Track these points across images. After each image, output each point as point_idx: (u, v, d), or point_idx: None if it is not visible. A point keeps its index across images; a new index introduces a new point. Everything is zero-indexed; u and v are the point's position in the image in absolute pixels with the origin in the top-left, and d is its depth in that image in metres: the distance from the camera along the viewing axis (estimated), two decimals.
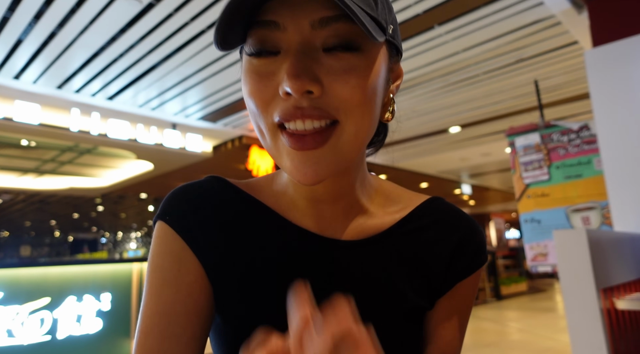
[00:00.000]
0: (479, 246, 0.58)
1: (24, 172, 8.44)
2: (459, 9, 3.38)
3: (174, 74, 4.41)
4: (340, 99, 0.43)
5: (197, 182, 0.57)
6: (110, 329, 3.66)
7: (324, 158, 0.44)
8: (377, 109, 0.47)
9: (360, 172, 0.55)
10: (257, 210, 0.55)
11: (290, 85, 0.40)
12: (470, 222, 0.59)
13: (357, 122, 0.44)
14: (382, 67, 0.46)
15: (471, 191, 11.98)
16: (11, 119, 4.72)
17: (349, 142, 0.45)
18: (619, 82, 2.27)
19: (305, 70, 0.41)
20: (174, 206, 0.53)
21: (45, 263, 3.75)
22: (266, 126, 0.45)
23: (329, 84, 0.42)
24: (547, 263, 3.24)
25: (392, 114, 0.52)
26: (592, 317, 1.30)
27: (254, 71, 0.45)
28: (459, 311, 0.58)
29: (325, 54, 0.43)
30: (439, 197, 0.61)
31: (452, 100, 5.30)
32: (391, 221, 0.57)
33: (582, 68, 4.31)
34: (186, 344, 0.48)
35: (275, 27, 0.42)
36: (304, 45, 0.42)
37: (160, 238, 0.52)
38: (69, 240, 23.95)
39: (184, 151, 6.08)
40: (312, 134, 0.43)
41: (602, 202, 3.01)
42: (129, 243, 24.26)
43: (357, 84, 0.43)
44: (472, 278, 0.57)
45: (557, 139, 3.28)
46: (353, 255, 0.54)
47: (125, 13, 3.36)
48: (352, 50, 0.43)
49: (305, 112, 0.42)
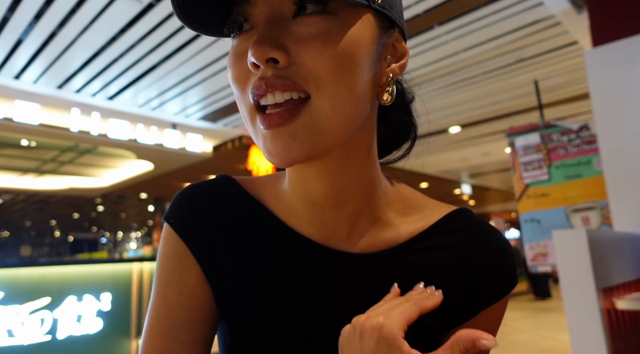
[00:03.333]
0: (508, 271, 0.51)
1: (24, 172, 8.44)
2: (459, 9, 3.38)
3: (174, 74, 4.41)
4: (309, 68, 0.39)
5: (205, 182, 0.55)
6: (110, 329, 3.67)
7: (296, 135, 0.40)
8: (362, 83, 0.42)
9: (368, 172, 0.49)
10: (260, 213, 0.52)
11: (252, 53, 0.38)
12: (501, 242, 0.52)
13: (332, 95, 0.39)
14: (363, 35, 0.41)
15: (471, 191, 11.97)
16: (11, 119, 4.72)
17: (327, 117, 0.40)
18: (619, 82, 2.27)
19: (268, 38, 0.38)
20: (179, 208, 0.53)
21: (45, 263, 3.76)
22: (246, 109, 0.43)
23: (296, 52, 0.39)
24: (547, 263, 3.24)
25: (392, 96, 0.46)
26: (592, 317, 1.30)
27: (233, 52, 0.43)
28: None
29: (295, 21, 0.40)
30: (467, 209, 0.54)
31: (452, 100, 5.29)
32: (408, 235, 0.50)
33: (582, 69, 4.31)
34: (190, 346, 0.48)
35: (247, 1, 0.41)
36: (272, 15, 0.40)
37: (165, 239, 0.52)
38: (69, 240, 23.94)
39: (184, 151, 6.08)
40: (280, 111, 0.39)
41: (602, 202, 3.02)
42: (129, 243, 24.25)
43: (326, 50, 0.38)
44: (498, 304, 0.51)
45: (557, 139, 3.28)
46: (359, 270, 0.48)
47: (126, 13, 3.36)
48: (319, 12, 0.39)
49: (269, 82, 0.39)
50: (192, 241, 0.51)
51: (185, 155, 6.34)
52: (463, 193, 12.24)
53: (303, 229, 0.50)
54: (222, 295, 0.50)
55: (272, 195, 0.53)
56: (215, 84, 4.66)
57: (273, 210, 0.52)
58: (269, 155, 0.41)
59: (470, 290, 0.49)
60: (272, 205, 0.53)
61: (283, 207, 0.52)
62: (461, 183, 11.39)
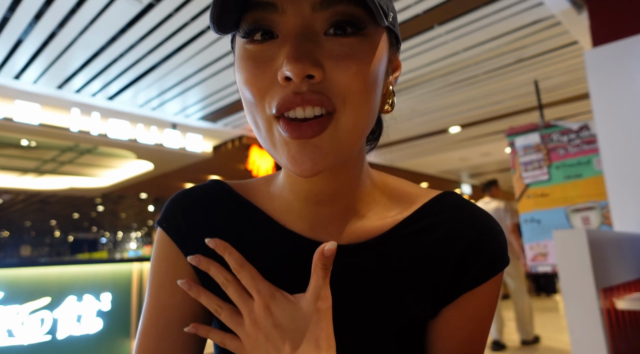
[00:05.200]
0: (496, 249, 0.50)
1: (24, 172, 8.44)
2: (459, 9, 3.38)
3: (174, 74, 4.41)
4: (341, 85, 0.40)
5: (197, 187, 0.56)
6: (110, 329, 3.67)
7: (321, 147, 0.41)
8: (377, 99, 0.44)
9: (360, 168, 0.51)
10: (251, 214, 0.53)
11: (291, 69, 0.38)
12: (486, 221, 0.51)
13: (357, 111, 0.41)
14: (383, 55, 0.44)
15: (471, 191, 11.98)
16: (11, 119, 4.71)
17: (348, 132, 0.42)
18: (618, 82, 2.27)
19: (306, 53, 0.39)
20: (171, 212, 0.54)
21: (45, 263, 3.75)
22: (262, 117, 0.42)
23: (330, 69, 0.40)
24: (547, 263, 3.24)
25: (392, 106, 0.50)
26: (592, 317, 1.30)
27: (250, 57, 0.42)
28: (472, 322, 0.51)
29: (327, 38, 0.40)
30: (452, 192, 0.54)
31: (452, 100, 5.29)
32: (392, 223, 0.51)
33: (582, 68, 4.31)
34: (182, 346, 0.50)
35: (273, 9, 0.40)
36: (305, 29, 0.40)
37: (158, 242, 0.54)
38: (69, 240, 23.94)
39: (184, 151, 6.08)
40: (309, 122, 0.40)
41: (602, 202, 3.01)
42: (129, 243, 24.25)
43: (359, 70, 0.40)
44: (488, 284, 0.50)
45: (557, 139, 3.28)
46: (347, 261, 0.49)
47: (126, 13, 3.36)
48: (354, 34, 0.41)
49: (305, 97, 0.39)
50: (184, 244, 0.52)
51: (185, 155, 6.34)
52: (463, 193, 12.23)
53: (296, 225, 0.52)
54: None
55: (265, 195, 0.55)
56: (215, 84, 4.66)
57: (265, 209, 0.54)
58: (293, 164, 0.41)
59: (456, 269, 0.49)
60: (265, 204, 0.54)
61: (278, 206, 0.53)
62: (461, 183, 11.40)
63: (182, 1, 3.22)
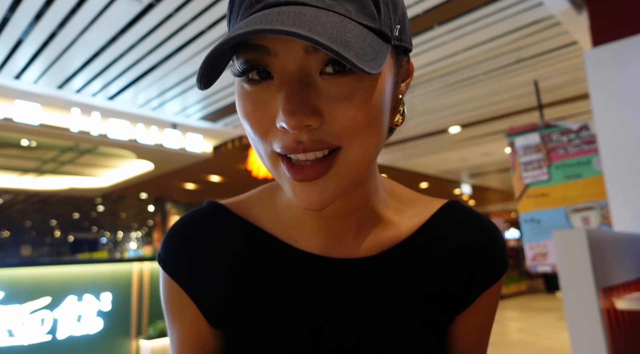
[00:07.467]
0: (500, 254, 0.55)
1: (24, 172, 8.45)
2: (459, 9, 3.38)
3: (174, 74, 4.41)
4: (342, 126, 0.39)
5: (193, 214, 0.55)
6: (110, 329, 3.67)
7: (327, 185, 0.40)
8: (385, 123, 0.43)
9: (373, 179, 0.51)
10: (254, 235, 0.53)
11: (287, 122, 0.37)
12: (489, 228, 0.55)
13: (362, 145, 0.40)
14: (387, 80, 0.42)
15: (471, 191, 11.98)
16: (11, 119, 4.72)
17: (356, 165, 0.41)
18: (618, 82, 2.28)
19: (301, 105, 0.37)
20: (169, 250, 0.54)
21: (45, 262, 3.76)
22: (265, 152, 0.42)
23: (329, 112, 0.38)
24: (547, 263, 3.25)
25: (403, 116, 0.48)
26: (591, 317, 1.30)
27: (248, 99, 0.41)
28: (483, 321, 0.56)
29: (323, 78, 0.38)
30: (456, 201, 0.57)
31: (452, 100, 5.30)
32: (407, 231, 0.53)
33: (581, 69, 4.31)
34: None
35: (265, 52, 0.38)
36: (298, 72, 0.38)
37: (162, 277, 0.55)
38: (70, 240, 23.93)
39: (184, 151, 6.08)
40: (313, 165, 0.40)
41: (602, 202, 3.02)
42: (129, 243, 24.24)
43: (360, 109, 0.39)
44: (494, 287, 0.55)
45: (557, 139, 3.29)
46: (365, 273, 0.50)
47: (126, 13, 3.36)
48: (351, 72, 0.38)
49: (307, 146, 0.39)
50: (184, 282, 0.53)
51: (186, 155, 6.34)
52: (463, 193, 12.24)
53: (309, 240, 0.51)
54: (222, 320, 0.52)
55: (268, 211, 0.54)
56: (215, 84, 4.62)
57: (269, 228, 0.53)
58: (300, 201, 0.41)
59: (468, 275, 0.53)
60: (269, 222, 0.53)
61: (287, 221, 0.52)
62: (461, 183, 11.40)
63: (182, 1, 3.22)
